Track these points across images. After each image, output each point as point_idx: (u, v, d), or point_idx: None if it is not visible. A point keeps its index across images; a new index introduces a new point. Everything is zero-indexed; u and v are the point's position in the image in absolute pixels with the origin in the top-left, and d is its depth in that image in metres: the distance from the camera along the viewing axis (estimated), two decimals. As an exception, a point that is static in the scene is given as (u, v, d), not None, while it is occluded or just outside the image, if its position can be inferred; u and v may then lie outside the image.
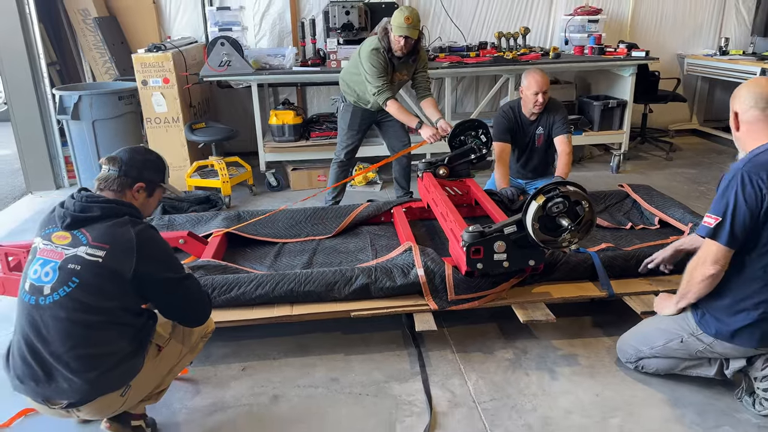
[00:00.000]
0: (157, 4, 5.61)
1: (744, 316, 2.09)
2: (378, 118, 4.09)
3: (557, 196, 2.38)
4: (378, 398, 2.38)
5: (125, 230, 1.87)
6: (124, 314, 1.88)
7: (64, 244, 1.85)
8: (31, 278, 1.84)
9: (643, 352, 2.40)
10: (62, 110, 4.54)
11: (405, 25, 3.58)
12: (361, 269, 2.70)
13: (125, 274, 1.83)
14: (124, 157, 2.00)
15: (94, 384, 1.81)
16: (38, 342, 1.81)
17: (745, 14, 6.32)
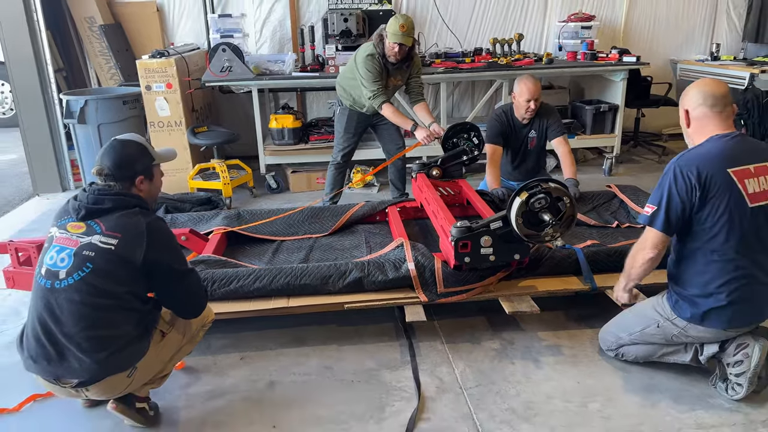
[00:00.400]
0: (161, 12, 5.77)
1: (712, 300, 2.21)
2: (373, 121, 4.22)
3: (539, 192, 2.50)
4: (369, 384, 2.49)
5: (136, 220, 2.01)
6: (133, 300, 2.02)
7: (79, 233, 1.99)
8: (48, 264, 1.98)
9: (622, 339, 2.52)
10: (69, 114, 4.69)
11: (400, 33, 3.70)
12: (354, 263, 2.83)
13: (136, 261, 1.97)
14: (110, 166, 2.07)
15: (103, 364, 1.94)
16: (52, 323, 1.94)
17: (736, 20, 6.45)
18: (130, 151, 2.13)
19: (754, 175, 2.17)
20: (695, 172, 2.14)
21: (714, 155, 2.16)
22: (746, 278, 2.19)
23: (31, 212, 4.84)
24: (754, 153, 2.20)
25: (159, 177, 2.25)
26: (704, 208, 2.15)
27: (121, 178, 2.08)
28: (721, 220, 2.14)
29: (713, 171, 2.14)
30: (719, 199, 2.13)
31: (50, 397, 2.39)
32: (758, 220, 2.16)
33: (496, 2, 6.03)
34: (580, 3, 6.10)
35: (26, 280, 2.90)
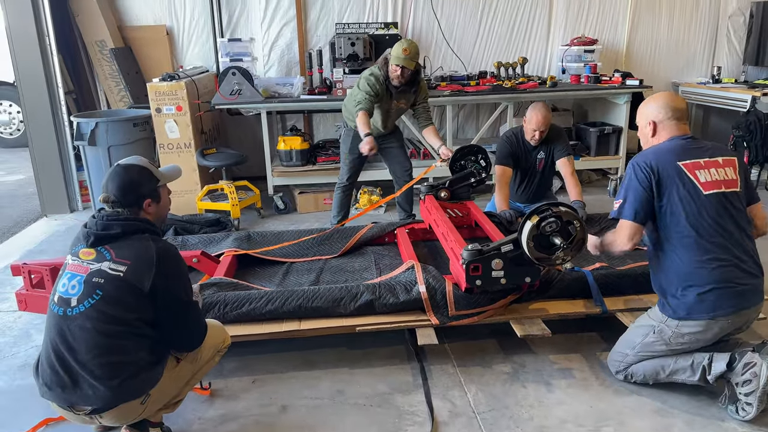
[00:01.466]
0: (171, 36, 5.87)
1: (690, 291, 2.34)
2: (380, 143, 4.26)
3: (550, 216, 2.53)
4: (382, 408, 2.49)
5: (147, 246, 2.02)
6: (144, 326, 2.01)
7: (90, 260, 2.01)
8: (60, 291, 2.00)
9: (628, 356, 2.55)
10: (79, 136, 4.74)
11: (402, 56, 3.79)
12: (366, 286, 2.84)
13: (144, 287, 1.97)
14: (116, 193, 2.07)
15: (116, 391, 1.94)
16: (65, 350, 1.95)
17: (737, 44, 6.54)
18: (133, 175, 2.12)
19: (704, 167, 2.39)
20: (650, 164, 2.39)
21: (665, 150, 2.44)
22: (714, 261, 2.32)
23: (39, 233, 4.87)
24: (704, 150, 2.44)
25: (166, 197, 2.25)
26: (662, 197, 2.37)
27: (128, 204, 2.08)
28: (679, 207, 2.35)
29: (665, 163, 2.39)
30: (673, 187, 2.36)
31: (63, 421, 2.38)
32: (715, 207, 2.35)
33: (500, 26, 6.12)
34: (583, 27, 6.20)
35: (38, 302, 2.93)
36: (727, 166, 2.43)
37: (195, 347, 2.18)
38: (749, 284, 2.35)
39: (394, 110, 4.12)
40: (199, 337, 2.18)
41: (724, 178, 2.39)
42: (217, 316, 2.69)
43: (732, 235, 2.35)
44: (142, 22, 5.80)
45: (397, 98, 4.07)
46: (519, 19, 6.13)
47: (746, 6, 6.39)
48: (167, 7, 5.79)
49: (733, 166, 2.44)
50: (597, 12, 6.19)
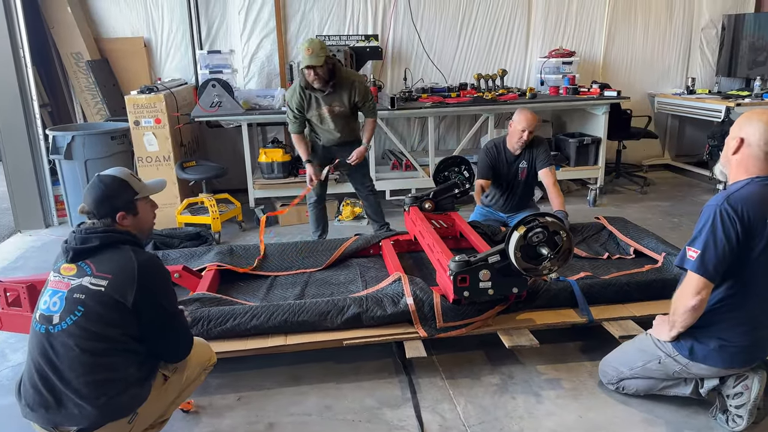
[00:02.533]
0: (148, 48, 5.80)
1: (715, 341, 2.24)
2: (340, 156, 4.15)
3: (537, 227, 2.54)
4: (371, 424, 2.45)
5: (128, 260, 1.95)
6: (129, 341, 1.95)
7: (71, 275, 1.95)
8: (42, 309, 1.93)
9: (623, 373, 2.53)
10: (55, 150, 4.64)
11: (307, 56, 3.68)
12: (352, 299, 2.81)
13: (127, 301, 1.90)
14: (90, 203, 2.02)
15: (103, 410, 1.87)
16: (49, 369, 1.88)
17: (710, 56, 6.69)
18: (108, 187, 2.04)
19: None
20: (743, 217, 2.08)
21: (758, 201, 2.10)
22: (752, 324, 2.22)
23: (13, 249, 4.74)
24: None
25: (147, 210, 2.16)
26: (738, 256, 2.10)
27: (101, 216, 2.02)
28: (748, 270, 2.13)
29: (756, 217, 2.08)
30: (753, 249, 2.09)
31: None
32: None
33: (479, 39, 6.19)
34: (561, 39, 6.29)
35: (15, 321, 2.83)
36: None
37: (182, 358, 2.13)
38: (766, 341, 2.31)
39: (329, 116, 3.97)
40: (187, 347, 2.13)
41: None
42: (200, 333, 2.63)
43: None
44: (119, 34, 5.72)
45: (328, 102, 3.91)
46: (498, 32, 6.20)
47: (718, 19, 6.55)
48: (145, 19, 5.73)
49: None
50: (574, 24, 6.29)
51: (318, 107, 3.94)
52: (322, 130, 4.07)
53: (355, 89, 3.93)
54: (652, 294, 2.98)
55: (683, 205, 5.53)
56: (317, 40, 3.77)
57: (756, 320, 2.23)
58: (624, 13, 6.35)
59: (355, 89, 3.94)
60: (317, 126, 4.06)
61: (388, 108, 5.14)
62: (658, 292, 2.96)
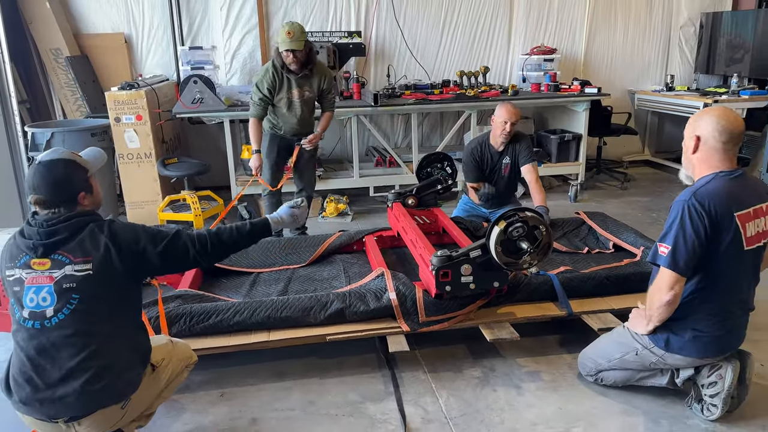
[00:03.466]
0: (129, 44, 5.75)
1: (690, 333, 2.30)
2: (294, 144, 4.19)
3: (517, 221, 2.57)
4: (354, 418, 2.47)
5: (97, 237, 1.95)
6: (128, 320, 2.01)
7: (48, 269, 1.92)
8: (29, 306, 1.90)
9: (601, 365, 2.58)
10: (34, 147, 4.59)
11: (288, 40, 3.76)
12: (335, 294, 2.83)
13: (118, 271, 1.94)
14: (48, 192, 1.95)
15: (100, 394, 1.89)
16: (47, 362, 1.88)
17: (688, 53, 6.79)
18: (62, 171, 1.98)
19: (753, 217, 2.19)
20: (710, 212, 2.12)
21: (723, 195, 2.14)
22: (724, 314, 2.27)
23: (-8, 248, 4.67)
24: (754, 194, 2.21)
25: (97, 184, 2.11)
26: (710, 247, 2.15)
27: (62, 201, 1.97)
28: (717, 263, 2.18)
29: (723, 213, 2.13)
30: (721, 243, 2.15)
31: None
32: (746, 263, 2.24)
33: (462, 35, 6.22)
34: (542, 37, 6.35)
35: (-4, 319, 2.81)
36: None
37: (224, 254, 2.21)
38: (742, 333, 2.38)
39: (298, 100, 4.03)
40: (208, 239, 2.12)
41: (764, 229, 2.23)
42: (183, 329, 2.63)
43: (748, 289, 2.32)
44: (99, 30, 5.66)
45: (300, 85, 3.99)
46: (480, 29, 6.24)
47: (696, 17, 6.65)
48: (125, 14, 5.68)
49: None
50: (555, 22, 6.35)
51: (289, 90, 3.99)
52: (285, 118, 4.07)
53: (325, 77, 4.12)
54: (630, 287, 3.02)
55: (662, 200, 5.62)
56: (297, 24, 3.83)
57: (727, 310, 2.28)
58: (605, 11, 6.42)
59: (326, 77, 4.13)
60: (282, 113, 4.06)
61: (371, 104, 5.15)
62: (636, 285, 3.01)
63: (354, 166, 5.40)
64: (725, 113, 2.20)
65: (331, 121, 4.25)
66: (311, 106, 4.17)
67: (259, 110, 4.00)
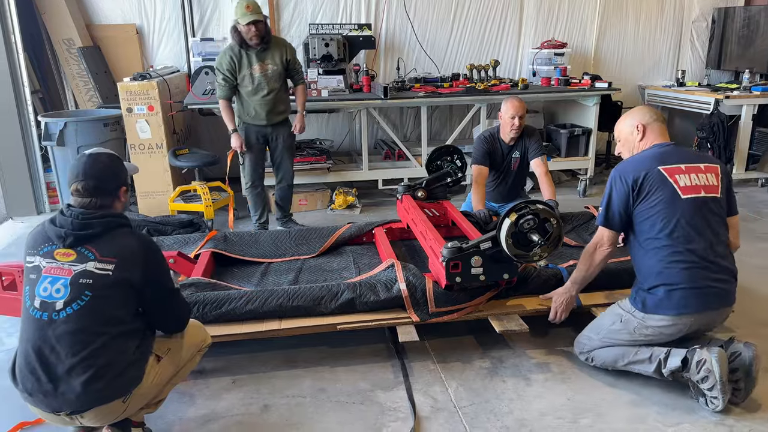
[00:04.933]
0: (140, 35, 5.77)
1: (660, 290, 2.45)
2: (269, 134, 4.28)
3: (528, 214, 2.59)
4: (364, 405, 2.51)
5: (129, 241, 2.01)
6: (132, 322, 2.01)
7: (71, 261, 1.96)
8: (42, 296, 1.93)
9: (593, 340, 2.67)
10: (47, 136, 4.63)
11: (248, 13, 3.88)
12: (346, 284, 2.85)
13: (134, 282, 1.97)
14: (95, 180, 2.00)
15: (102, 393, 1.92)
16: (51, 355, 1.90)
17: (700, 49, 6.76)
18: (110, 162, 2.08)
19: (686, 172, 2.49)
20: (631, 177, 2.50)
21: (647, 157, 2.55)
22: (684, 263, 2.42)
23: (5, 236, 4.74)
24: (685, 157, 2.55)
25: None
26: (642, 203, 2.49)
27: (106, 192, 2.03)
28: (655, 210, 2.46)
29: (647, 170, 2.49)
30: (654, 193, 2.46)
31: (39, 424, 2.33)
32: (691, 211, 2.44)
33: (472, 29, 6.21)
34: (553, 31, 6.33)
35: (10, 305, 2.84)
36: (709, 172, 2.51)
37: (182, 328, 2.23)
38: (717, 287, 2.44)
39: (260, 75, 4.08)
40: (186, 317, 2.25)
41: (704, 184, 2.48)
42: (196, 317, 2.66)
43: (705, 239, 2.44)
44: (111, 21, 5.69)
45: (262, 59, 4.07)
46: (490, 22, 6.23)
47: (708, 12, 6.62)
48: (137, 5, 5.70)
49: (716, 174, 2.53)
50: (566, 16, 6.34)
51: (250, 66, 4.06)
52: (252, 99, 4.11)
53: (286, 49, 4.20)
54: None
55: (671, 195, 5.59)
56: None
57: (688, 261, 2.41)
58: (616, 5, 6.40)
59: (287, 49, 4.20)
60: (248, 91, 4.10)
61: (381, 97, 5.16)
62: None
63: (363, 159, 5.42)
64: (641, 106, 2.78)
65: (341, 114, 4.28)
66: (278, 82, 4.19)
67: (225, 91, 4.07)
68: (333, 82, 5.42)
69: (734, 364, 2.40)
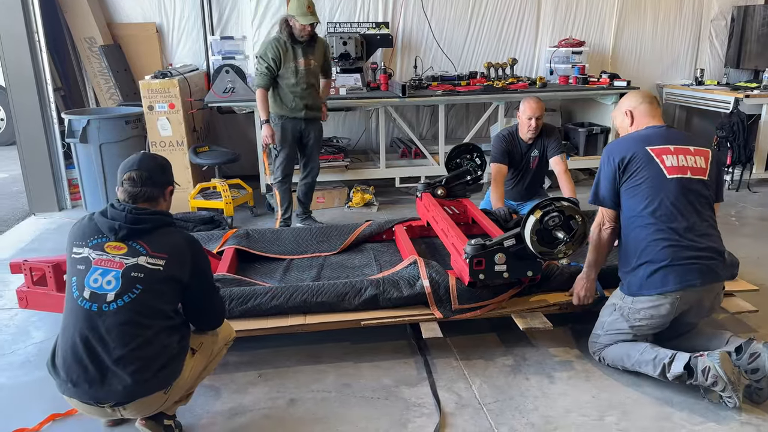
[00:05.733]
0: (160, 33, 5.83)
1: (641, 269, 2.52)
2: (303, 129, 4.31)
3: (553, 211, 2.59)
4: (389, 401, 2.52)
5: (178, 239, 2.09)
6: (176, 317, 2.08)
7: (122, 254, 2.00)
8: (92, 287, 1.98)
9: (600, 337, 2.71)
10: (71, 134, 4.69)
11: (309, 14, 3.97)
12: (369, 281, 2.87)
13: (182, 279, 2.05)
14: (149, 172, 2.12)
15: (147, 384, 1.97)
16: (98, 345, 1.94)
17: (719, 47, 6.71)
18: (162, 161, 2.24)
19: (674, 153, 2.55)
20: (618, 156, 2.60)
21: (636, 137, 2.64)
22: (666, 241, 2.47)
23: (28, 231, 4.80)
24: (675, 138, 2.61)
25: None
26: (627, 181, 2.57)
27: (157, 184, 2.13)
28: (641, 188, 2.53)
29: (634, 149, 2.58)
30: (639, 171, 2.54)
31: (70, 416, 2.37)
32: (676, 191, 2.50)
33: (489, 27, 6.21)
34: (570, 29, 6.31)
35: (39, 299, 2.90)
36: (698, 155, 2.58)
37: (218, 326, 2.29)
38: (699, 263, 2.47)
39: (304, 69, 4.15)
40: (222, 316, 2.33)
41: (692, 165, 2.55)
42: (222, 312, 2.70)
43: (688, 218, 2.50)
44: (131, 20, 5.75)
45: (306, 55, 4.14)
46: (508, 20, 6.22)
47: (728, 10, 6.57)
48: (157, 4, 5.75)
49: (705, 157, 2.59)
50: (584, 14, 6.31)
51: (295, 59, 4.12)
52: (292, 89, 4.15)
53: (327, 48, 4.39)
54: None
55: (690, 195, 5.56)
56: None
57: (669, 238, 2.47)
58: (634, 3, 6.36)
59: (327, 48, 4.41)
60: (289, 84, 4.13)
61: (399, 95, 5.18)
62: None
63: (381, 157, 5.44)
64: (636, 90, 2.93)
65: (357, 112, 4.32)
66: (316, 78, 4.28)
67: (266, 80, 4.09)
68: (350, 81, 5.44)
69: (754, 365, 2.40)
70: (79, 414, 2.29)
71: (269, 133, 4.18)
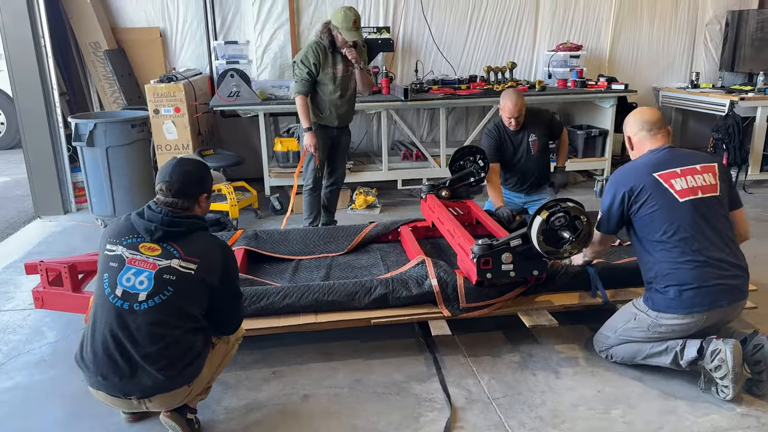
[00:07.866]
0: (164, 38, 5.89)
1: (670, 290, 2.53)
2: (335, 136, 4.29)
3: (559, 211, 2.66)
4: (400, 396, 2.59)
5: (211, 245, 2.15)
6: (202, 318, 2.14)
7: (156, 255, 2.06)
8: (125, 285, 2.04)
9: (610, 338, 2.76)
10: (77, 137, 4.74)
11: (355, 30, 3.92)
12: (379, 280, 2.94)
13: (213, 283, 2.10)
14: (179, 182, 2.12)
15: (174, 380, 2.05)
16: (128, 342, 2.01)
17: (713, 51, 6.82)
18: (197, 168, 2.22)
19: (681, 175, 2.57)
20: (626, 188, 2.62)
21: (641, 165, 2.66)
22: (691, 263, 2.50)
23: (34, 234, 4.84)
24: (679, 160, 2.63)
25: None
26: (640, 209, 2.59)
27: (189, 194, 2.14)
28: (656, 215, 2.55)
29: (641, 179, 2.59)
30: (650, 200, 2.56)
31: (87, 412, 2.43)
32: (691, 213, 2.53)
33: (488, 32, 6.30)
34: (568, 33, 6.41)
35: (55, 300, 2.95)
36: (706, 172, 2.60)
37: (236, 331, 2.36)
38: (725, 284, 2.51)
39: (342, 75, 4.11)
40: (241, 321, 2.40)
41: (702, 184, 2.57)
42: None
43: (709, 238, 2.52)
44: (135, 24, 5.81)
45: (345, 61, 4.10)
46: (506, 25, 6.31)
47: (722, 14, 6.68)
48: (160, 9, 5.82)
49: (713, 172, 2.61)
50: (581, 19, 6.41)
51: (334, 65, 4.07)
52: (329, 97, 4.09)
53: (363, 52, 4.30)
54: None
55: (687, 196, 5.65)
56: (356, 11, 3.96)
57: (695, 261, 2.50)
58: (630, 8, 6.47)
59: (363, 51, 4.31)
60: (327, 90, 4.07)
61: (401, 99, 5.25)
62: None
63: (383, 160, 5.51)
64: (640, 110, 2.83)
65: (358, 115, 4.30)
66: (354, 86, 4.25)
67: (307, 86, 4.02)
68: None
69: (757, 356, 2.48)
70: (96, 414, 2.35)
71: (312, 142, 4.07)
